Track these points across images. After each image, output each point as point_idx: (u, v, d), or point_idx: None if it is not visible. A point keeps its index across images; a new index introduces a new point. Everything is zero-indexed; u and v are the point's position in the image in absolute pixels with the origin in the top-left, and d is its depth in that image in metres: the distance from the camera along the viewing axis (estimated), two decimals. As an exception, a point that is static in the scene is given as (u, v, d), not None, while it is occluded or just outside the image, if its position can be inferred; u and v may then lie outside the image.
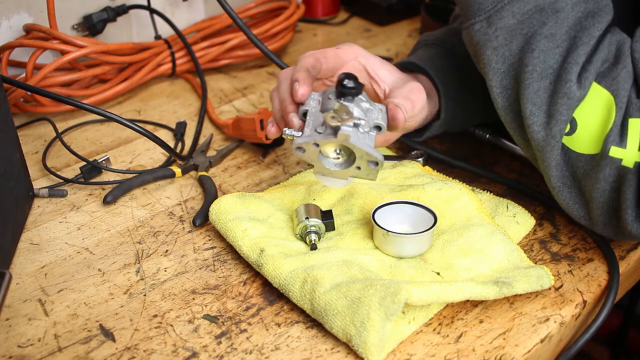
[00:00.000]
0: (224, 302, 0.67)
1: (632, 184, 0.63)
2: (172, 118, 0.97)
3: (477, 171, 0.83)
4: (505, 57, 0.66)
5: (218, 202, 0.73)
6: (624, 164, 0.63)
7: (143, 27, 1.08)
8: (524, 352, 0.62)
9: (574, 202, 0.67)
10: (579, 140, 0.65)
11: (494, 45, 0.66)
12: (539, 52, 0.64)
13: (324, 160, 0.67)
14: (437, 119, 0.78)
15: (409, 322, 0.63)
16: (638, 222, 0.64)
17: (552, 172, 0.67)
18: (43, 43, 0.90)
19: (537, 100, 0.64)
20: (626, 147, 0.62)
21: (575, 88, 0.63)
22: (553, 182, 0.67)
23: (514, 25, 0.65)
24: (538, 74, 0.64)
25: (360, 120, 0.64)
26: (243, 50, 1.07)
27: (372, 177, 0.67)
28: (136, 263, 0.71)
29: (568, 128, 0.65)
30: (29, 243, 0.74)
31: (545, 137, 0.65)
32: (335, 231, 0.72)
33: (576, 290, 0.68)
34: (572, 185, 0.67)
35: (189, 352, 0.61)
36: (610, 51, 0.65)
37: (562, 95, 0.63)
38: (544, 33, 0.64)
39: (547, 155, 0.66)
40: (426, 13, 1.17)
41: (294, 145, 0.65)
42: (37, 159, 0.87)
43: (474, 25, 0.67)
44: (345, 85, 0.63)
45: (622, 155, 0.63)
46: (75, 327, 0.64)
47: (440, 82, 0.77)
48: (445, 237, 0.70)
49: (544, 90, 0.64)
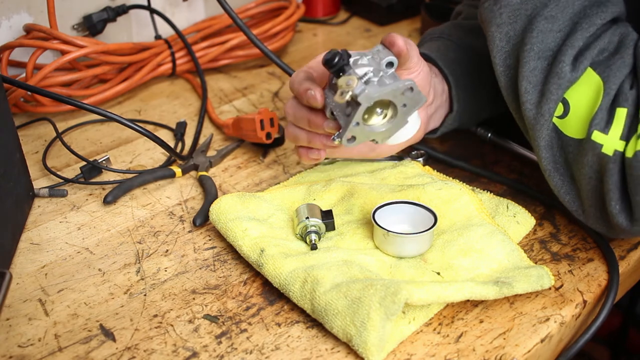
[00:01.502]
0: (224, 302, 0.67)
1: (613, 174, 0.63)
2: (172, 118, 0.97)
3: (477, 171, 0.83)
4: (509, 37, 0.69)
5: (218, 202, 0.73)
6: (604, 150, 0.63)
7: (143, 27, 1.08)
8: (524, 352, 0.62)
9: (565, 192, 0.68)
10: (570, 124, 0.66)
11: (497, 23, 0.69)
12: (537, 32, 0.67)
13: (377, 128, 0.67)
14: (450, 113, 0.80)
15: (409, 322, 0.63)
16: (624, 214, 0.64)
17: (543, 153, 0.68)
18: (43, 43, 0.90)
19: (533, 78, 0.67)
20: (608, 134, 0.63)
21: (567, 69, 0.65)
22: (544, 164, 0.68)
23: (517, 4, 0.68)
24: (535, 53, 0.67)
25: (366, 75, 0.63)
26: (243, 50, 1.07)
27: (421, 99, 0.66)
28: (136, 263, 0.71)
29: (561, 110, 0.66)
30: (29, 243, 0.74)
31: (536, 115, 0.67)
32: (335, 231, 0.72)
33: (576, 290, 0.68)
34: (564, 172, 0.68)
35: (189, 352, 0.61)
36: (612, 42, 0.66)
37: (554, 75, 0.66)
38: (544, 14, 0.67)
39: (537, 134, 0.67)
40: (426, 13, 1.17)
41: (344, 141, 0.65)
42: (37, 159, 0.87)
43: (485, 4, 0.71)
44: (330, 64, 0.63)
45: (603, 141, 0.63)
46: (76, 327, 0.64)
47: (450, 73, 0.79)
48: (445, 237, 0.70)
49: (540, 70, 0.67)
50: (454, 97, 0.79)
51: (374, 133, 0.67)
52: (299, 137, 0.72)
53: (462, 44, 0.82)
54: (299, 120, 0.71)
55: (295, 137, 0.73)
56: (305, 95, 0.67)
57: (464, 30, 0.85)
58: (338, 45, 1.16)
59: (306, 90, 0.67)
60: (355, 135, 0.66)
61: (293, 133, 0.73)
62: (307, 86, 0.67)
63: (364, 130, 0.66)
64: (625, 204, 0.64)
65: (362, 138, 0.66)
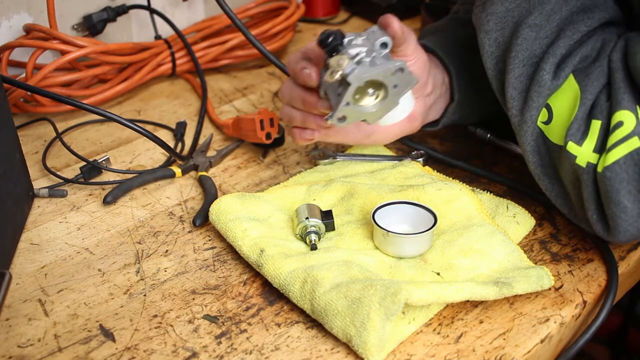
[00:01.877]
0: (224, 302, 0.67)
1: (588, 185, 0.63)
2: (172, 118, 0.97)
3: (477, 171, 0.83)
4: (499, 42, 0.70)
5: (218, 202, 0.73)
6: (578, 162, 0.63)
7: (143, 27, 1.08)
8: (524, 353, 0.62)
9: (556, 195, 0.69)
10: (553, 130, 0.66)
11: (485, 29, 0.70)
12: (522, 39, 0.67)
13: (368, 109, 0.67)
14: (452, 103, 0.80)
15: (409, 322, 0.63)
16: (600, 223, 0.64)
17: (529, 157, 0.69)
18: (43, 43, 0.90)
19: (518, 85, 0.68)
20: (582, 146, 0.64)
21: (547, 77, 0.66)
22: (532, 168, 0.69)
23: (503, 12, 0.69)
24: (520, 60, 0.67)
25: (358, 55, 0.63)
26: (243, 50, 1.07)
27: (412, 80, 0.66)
28: (136, 263, 0.71)
29: (546, 117, 0.66)
30: (29, 243, 0.74)
31: (520, 121, 0.68)
32: (335, 231, 0.72)
33: (576, 291, 0.68)
34: (553, 175, 0.68)
35: (189, 352, 0.61)
36: (594, 48, 0.66)
37: (535, 83, 0.66)
38: (528, 22, 0.68)
39: (522, 139, 0.68)
40: (426, 13, 1.17)
41: (335, 121, 0.65)
42: (37, 159, 0.87)
43: (475, 10, 0.72)
44: (324, 44, 0.63)
45: (577, 153, 0.64)
46: (75, 327, 0.64)
47: (451, 62, 0.79)
48: (445, 238, 0.70)
49: (525, 76, 0.67)
50: (454, 86, 0.79)
51: (365, 113, 0.67)
52: (293, 118, 0.72)
53: (461, 35, 0.82)
54: (294, 100, 0.71)
55: (290, 117, 0.73)
56: (301, 74, 0.67)
57: (462, 23, 0.85)
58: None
59: (302, 69, 0.67)
60: (345, 115, 0.66)
61: (288, 113, 0.73)
62: (303, 65, 0.67)
63: (355, 110, 0.66)
64: (602, 214, 0.64)
65: (353, 118, 0.66)
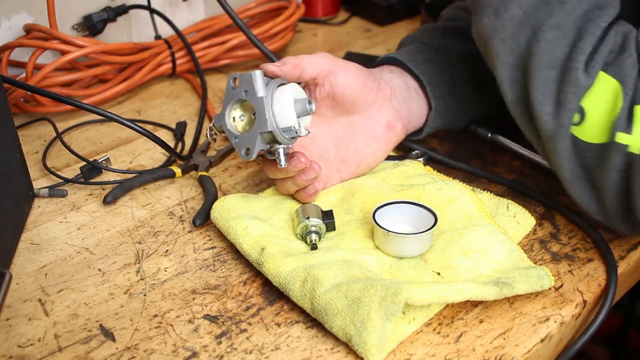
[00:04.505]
0: (224, 302, 0.67)
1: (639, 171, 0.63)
2: (172, 118, 0.97)
3: (477, 171, 0.83)
4: (513, 50, 0.67)
5: (221, 200, 0.74)
6: (631, 150, 0.63)
7: (143, 27, 1.08)
8: (524, 352, 0.62)
9: (587, 196, 0.68)
10: (588, 130, 0.65)
11: (501, 37, 0.67)
12: (545, 42, 0.65)
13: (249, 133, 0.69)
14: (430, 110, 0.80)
15: (409, 322, 0.63)
16: None
17: (564, 164, 0.67)
18: (43, 43, 0.90)
19: (546, 90, 0.65)
20: (632, 133, 0.63)
21: (582, 76, 0.64)
22: (565, 174, 0.67)
23: (520, 17, 0.66)
24: (545, 64, 0.65)
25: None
26: (243, 50, 1.07)
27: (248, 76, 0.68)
28: (136, 263, 0.71)
29: (578, 118, 0.65)
30: (29, 243, 0.74)
31: (555, 127, 0.65)
32: (335, 231, 0.72)
33: (576, 290, 0.68)
34: (584, 177, 0.67)
35: (189, 352, 0.61)
36: (617, 41, 0.65)
37: (569, 83, 0.64)
38: (550, 24, 0.65)
39: (558, 145, 0.66)
40: (426, 13, 1.17)
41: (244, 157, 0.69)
42: (37, 159, 0.87)
43: (483, 20, 0.68)
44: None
45: (629, 141, 0.63)
46: (75, 327, 0.64)
47: (421, 72, 0.79)
48: (445, 237, 0.70)
49: (552, 80, 0.65)
50: (429, 95, 0.79)
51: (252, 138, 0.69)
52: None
53: (434, 45, 0.82)
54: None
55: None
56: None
57: (436, 32, 0.86)
58: (338, 45, 1.17)
59: None
60: (247, 147, 0.69)
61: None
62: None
63: (244, 140, 0.69)
64: None
65: (252, 147, 0.69)
